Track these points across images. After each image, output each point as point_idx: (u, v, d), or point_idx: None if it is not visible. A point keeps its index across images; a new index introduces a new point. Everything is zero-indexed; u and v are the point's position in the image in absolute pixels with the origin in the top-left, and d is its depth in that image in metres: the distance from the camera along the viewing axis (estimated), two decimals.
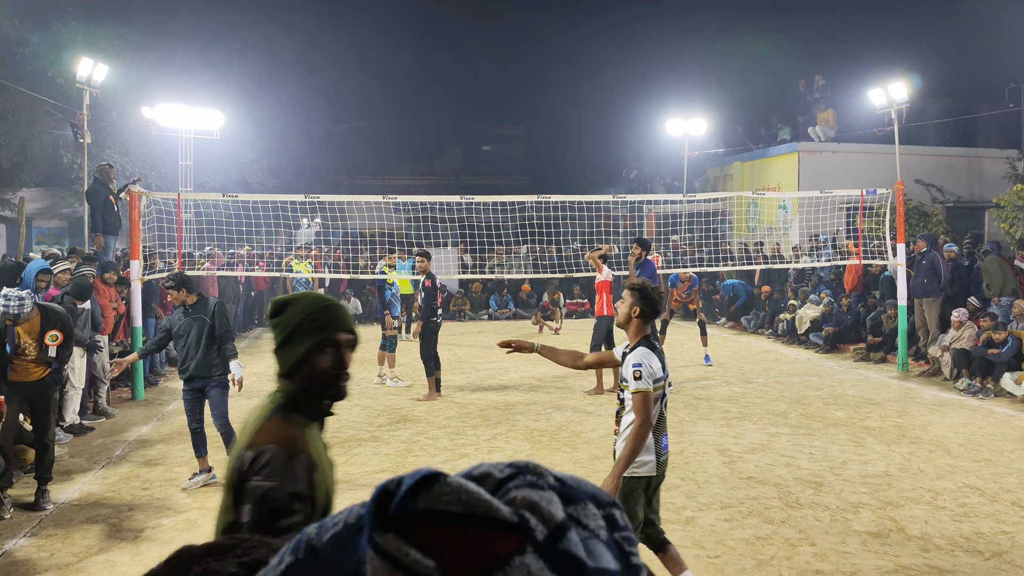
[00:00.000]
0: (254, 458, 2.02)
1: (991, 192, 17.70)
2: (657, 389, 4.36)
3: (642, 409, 4.27)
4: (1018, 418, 9.47)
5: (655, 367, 4.34)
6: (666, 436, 4.52)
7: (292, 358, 2.16)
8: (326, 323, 2.18)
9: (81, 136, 13.35)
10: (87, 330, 9.09)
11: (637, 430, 4.26)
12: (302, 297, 2.23)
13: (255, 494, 1.97)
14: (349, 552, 0.54)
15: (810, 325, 15.31)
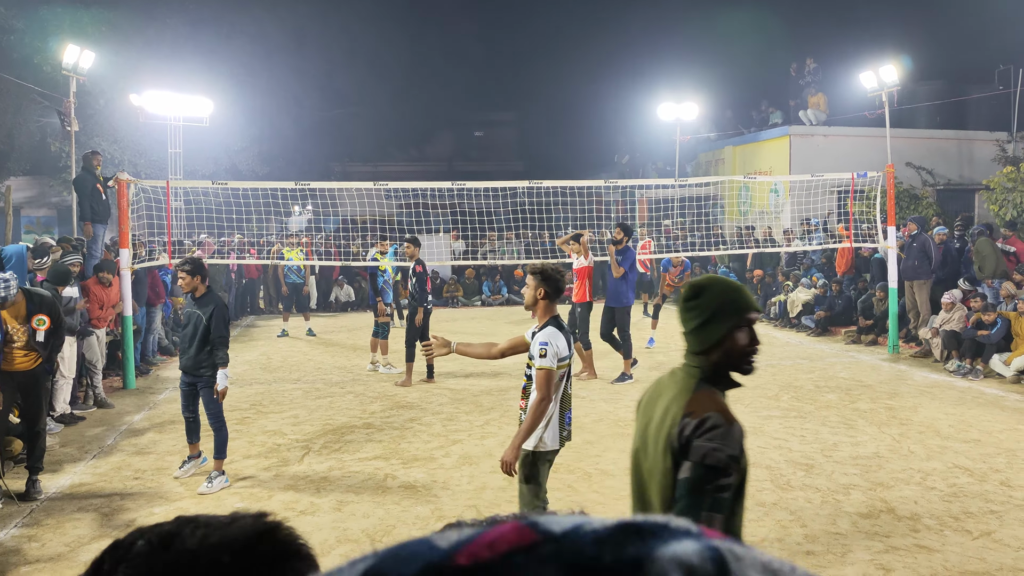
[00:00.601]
0: (698, 423, 2.28)
1: (981, 174, 17.74)
2: (561, 367, 4.54)
3: (544, 385, 4.45)
4: (1007, 399, 9.52)
5: (560, 346, 4.51)
6: (570, 411, 4.70)
7: (713, 337, 2.39)
8: (742, 305, 2.40)
9: (68, 124, 13.25)
10: (76, 317, 9.05)
11: (537, 405, 4.46)
12: (717, 281, 2.43)
13: (699, 453, 2.25)
14: None
15: (802, 308, 15.35)
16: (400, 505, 6.16)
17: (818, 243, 15.62)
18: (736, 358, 2.42)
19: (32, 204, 23.32)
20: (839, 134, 19.91)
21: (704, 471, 2.24)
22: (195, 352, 6.76)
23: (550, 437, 4.58)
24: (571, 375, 4.70)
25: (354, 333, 15.69)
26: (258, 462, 7.32)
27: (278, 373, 11.77)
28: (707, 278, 2.46)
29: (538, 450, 4.58)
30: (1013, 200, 14.07)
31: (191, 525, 0.73)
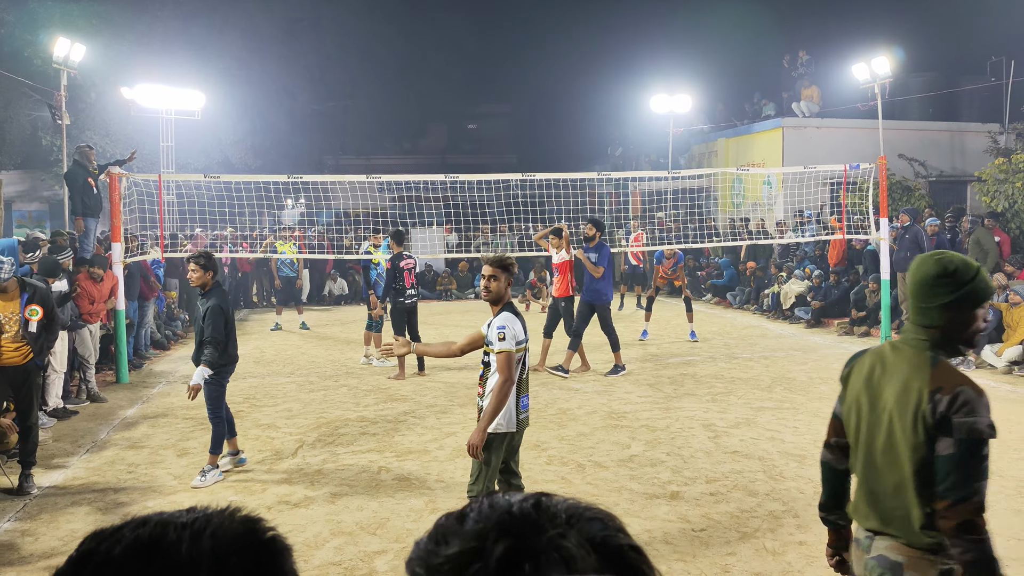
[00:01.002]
0: (951, 399, 2.39)
1: (973, 166, 17.78)
2: (519, 351, 4.71)
3: (505, 367, 4.63)
4: (998, 389, 9.57)
5: (517, 330, 4.72)
6: (527, 397, 4.85)
7: (960, 315, 2.51)
8: (990, 287, 2.55)
9: (59, 117, 13.19)
10: (67, 311, 9.02)
11: (500, 386, 4.62)
12: (968, 262, 2.54)
13: (963, 429, 2.37)
14: None
15: (795, 300, 15.39)
16: (394, 498, 6.17)
17: (811, 235, 15.65)
18: (971, 334, 2.56)
19: (24, 198, 23.22)
20: (832, 126, 19.94)
21: (969, 445, 2.37)
22: (196, 347, 6.74)
23: (505, 420, 4.72)
24: (527, 362, 4.86)
25: (347, 327, 15.68)
26: (252, 455, 7.32)
27: (272, 367, 11.76)
28: (960, 258, 2.56)
29: (492, 432, 4.72)
30: (1005, 191, 14.11)
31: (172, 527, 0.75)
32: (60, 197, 17.90)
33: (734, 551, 5.08)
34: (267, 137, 25.15)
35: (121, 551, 0.72)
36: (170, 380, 10.89)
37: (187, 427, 8.36)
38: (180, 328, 14.66)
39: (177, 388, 10.34)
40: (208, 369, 6.50)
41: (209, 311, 6.58)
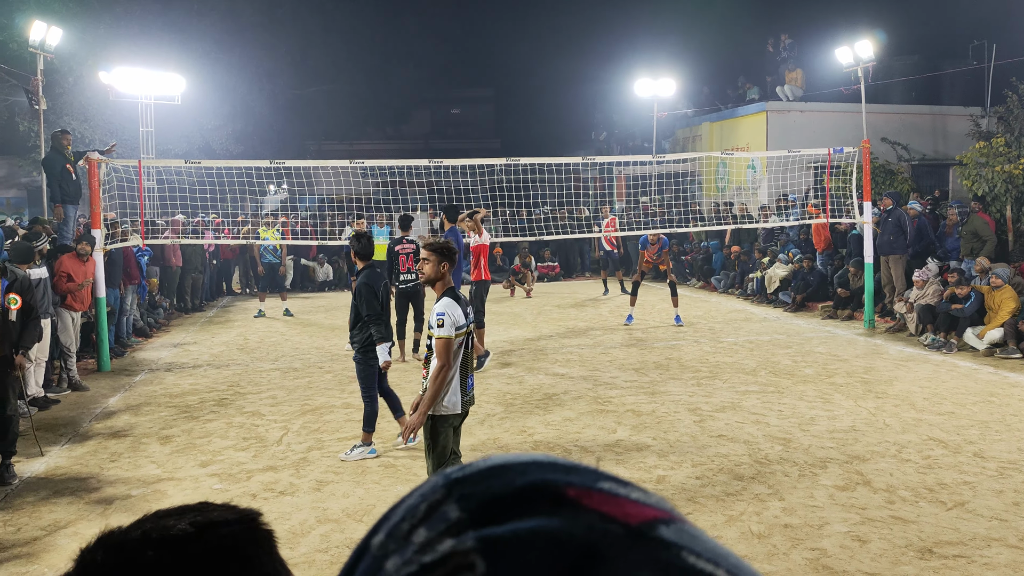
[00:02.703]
0: None
1: (955, 149, 17.86)
2: (459, 336, 4.84)
3: (443, 353, 4.78)
4: (980, 372, 9.66)
5: (456, 315, 4.83)
6: (470, 378, 5.01)
7: None
8: None
9: (36, 103, 12.98)
10: (46, 300, 8.91)
11: (437, 372, 4.79)
12: None
13: None
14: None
15: (779, 284, 15.45)
16: (380, 484, 6.15)
17: (795, 219, 15.69)
18: None
19: (1, 185, 22.93)
20: (815, 110, 19.96)
21: None
22: (350, 326, 7.02)
23: (450, 402, 4.86)
24: (471, 344, 5.00)
25: (332, 313, 15.60)
26: (236, 443, 7.27)
27: (255, 354, 11.69)
28: None
29: (437, 414, 4.86)
30: (986, 175, 14.19)
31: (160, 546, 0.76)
32: (38, 184, 17.68)
33: (720, 534, 5.10)
34: (249, 122, 24.89)
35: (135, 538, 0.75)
36: (152, 368, 10.80)
37: (170, 415, 8.30)
38: (162, 316, 14.54)
39: (159, 376, 10.26)
40: (387, 343, 6.78)
41: (358, 290, 6.81)
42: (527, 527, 0.40)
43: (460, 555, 0.40)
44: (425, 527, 0.42)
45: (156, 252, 14.43)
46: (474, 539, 0.40)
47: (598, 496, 0.43)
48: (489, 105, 38.77)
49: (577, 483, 0.44)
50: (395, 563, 0.42)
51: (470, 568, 0.39)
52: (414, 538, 0.42)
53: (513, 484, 0.43)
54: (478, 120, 38.13)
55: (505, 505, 0.42)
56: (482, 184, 15.67)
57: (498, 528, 0.40)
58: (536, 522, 0.41)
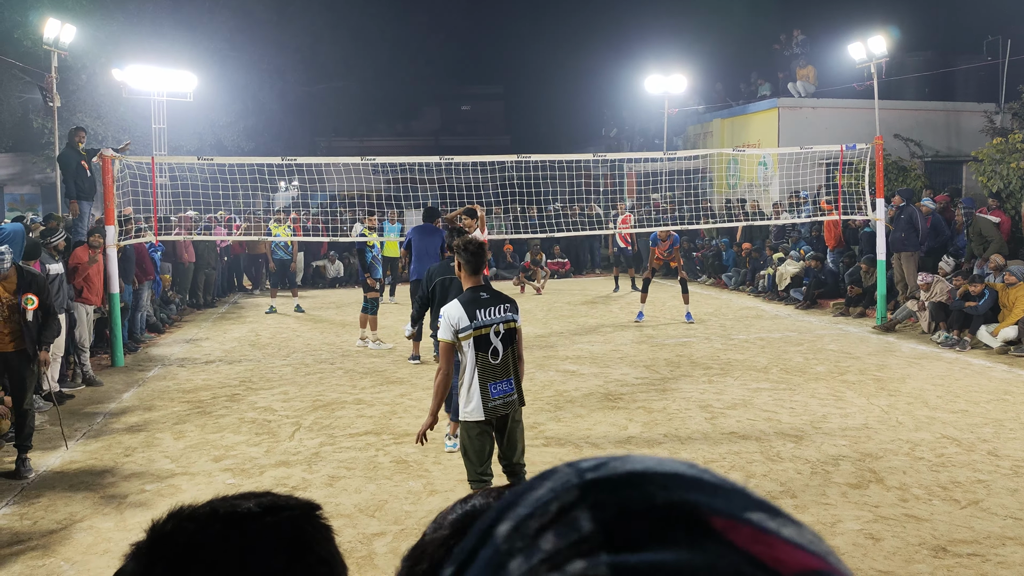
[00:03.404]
0: None
1: (969, 146, 17.76)
2: (465, 338, 4.68)
3: (441, 357, 4.77)
4: (994, 369, 9.60)
5: (457, 317, 4.68)
6: (501, 383, 4.74)
7: None
8: None
9: (51, 99, 13.06)
10: (62, 295, 8.97)
11: (436, 377, 4.79)
12: None
13: None
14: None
15: (790, 281, 15.40)
16: (392, 480, 6.17)
17: (806, 216, 15.64)
18: None
19: (15, 181, 23.07)
20: (828, 106, 19.87)
21: None
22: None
23: (474, 408, 4.72)
24: (496, 348, 4.75)
25: (343, 309, 15.64)
26: (249, 438, 7.31)
27: (267, 350, 11.73)
28: None
29: (464, 420, 4.78)
30: (1001, 172, 14.10)
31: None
32: (52, 180, 17.77)
33: None
34: (260, 119, 24.96)
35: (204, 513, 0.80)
36: (166, 364, 10.86)
37: (183, 410, 8.35)
38: (174, 312, 14.61)
39: (172, 371, 10.31)
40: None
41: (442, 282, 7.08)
42: (665, 560, 0.37)
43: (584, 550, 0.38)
44: (554, 533, 0.40)
45: (168, 248, 14.49)
46: (607, 567, 0.37)
47: (746, 531, 0.39)
48: (499, 102, 38.73)
49: (723, 511, 0.40)
50: (519, 566, 0.39)
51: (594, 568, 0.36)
52: (542, 543, 0.40)
53: (653, 500, 0.40)
54: (488, 117, 38.09)
55: (642, 524, 0.39)
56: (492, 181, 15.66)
57: (633, 556, 0.37)
58: (675, 555, 0.37)
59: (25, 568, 4.84)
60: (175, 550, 0.76)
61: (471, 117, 38.22)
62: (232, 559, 0.75)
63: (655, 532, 0.38)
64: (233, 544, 0.76)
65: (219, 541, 0.76)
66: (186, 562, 0.75)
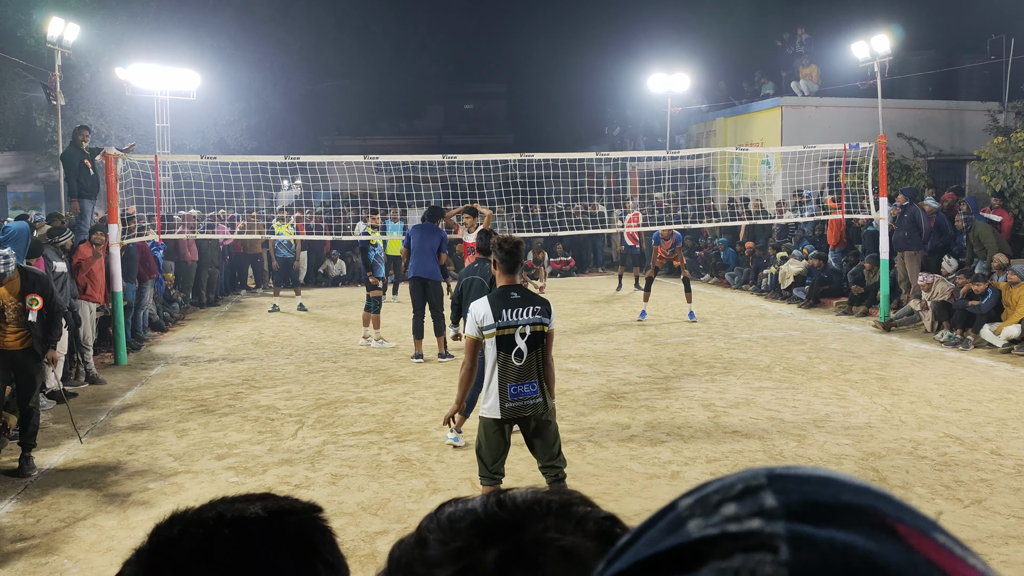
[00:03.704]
0: None
1: (972, 145, 17.72)
2: (488, 336, 4.67)
3: (465, 351, 4.85)
4: (997, 368, 9.59)
5: (482, 315, 4.69)
6: (523, 385, 4.68)
7: None
8: None
9: (54, 98, 13.08)
10: (65, 293, 8.99)
11: (460, 371, 4.92)
12: None
13: None
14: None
15: (793, 280, 15.38)
16: (395, 478, 6.17)
17: (810, 215, 15.62)
18: None
19: (18, 180, 23.10)
20: (831, 105, 19.84)
21: None
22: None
23: (490, 406, 4.71)
24: (522, 349, 4.69)
25: (346, 308, 15.65)
26: (252, 436, 7.32)
27: (270, 348, 11.75)
28: None
29: (481, 416, 4.79)
30: (1004, 171, 14.08)
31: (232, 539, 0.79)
32: (55, 178, 17.79)
33: None
34: (263, 117, 24.97)
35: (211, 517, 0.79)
36: (169, 362, 10.88)
37: (186, 409, 8.36)
38: (178, 310, 14.63)
39: (175, 370, 10.33)
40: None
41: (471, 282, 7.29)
42: (844, 539, 0.37)
43: (766, 536, 0.38)
44: (736, 504, 0.41)
45: (171, 247, 14.51)
46: (785, 528, 0.38)
47: (929, 543, 0.39)
48: (502, 100, 38.72)
49: (910, 522, 0.40)
50: (698, 524, 0.41)
51: (773, 550, 0.37)
52: (723, 510, 0.41)
53: (839, 498, 0.41)
54: (491, 115, 38.08)
55: (825, 512, 0.39)
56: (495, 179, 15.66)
57: (813, 528, 0.38)
58: (856, 538, 0.37)
59: (28, 566, 4.85)
60: (182, 556, 0.75)
61: (474, 116, 38.22)
62: (239, 564, 0.75)
63: (837, 520, 0.39)
64: (240, 549, 0.76)
65: (226, 546, 0.76)
66: (193, 568, 0.75)
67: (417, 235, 10.46)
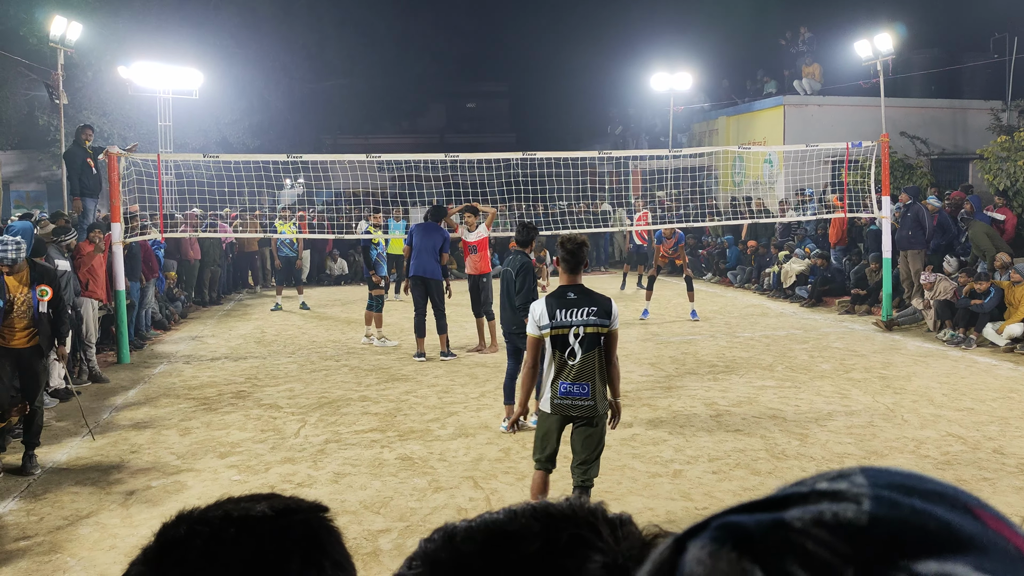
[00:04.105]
0: None
1: (975, 144, 17.70)
2: (544, 335, 4.74)
3: (527, 349, 4.86)
4: (1000, 367, 9.58)
5: (537, 314, 4.77)
6: (574, 385, 4.72)
7: None
8: None
9: (56, 97, 13.10)
10: (69, 292, 8.99)
11: (522, 368, 4.98)
12: None
13: None
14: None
15: (796, 279, 15.37)
16: (397, 477, 6.18)
17: (812, 213, 15.61)
18: None
19: (21, 178, 23.12)
20: (834, 104, 19.82)
21: None
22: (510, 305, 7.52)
23: (545, 400, 4.82)
24: (577, 348, 4.71)
25: (348, 306, 15.66)
26: (254, 435, 7.33)
27: (272, 347, 11.76)
28: None
29: (539, 406, 4.90)
30: (1007, 169, 14.05)
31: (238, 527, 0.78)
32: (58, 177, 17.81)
33: None
34: (265, 116, 24.99)
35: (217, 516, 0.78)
36: (171, 360, 10.89)
37: (188, 407, 8.37)
38: (180, 308, 14.64)
39: (178, 368, 10.34)
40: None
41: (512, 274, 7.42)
42: (925, 506, 0.41)
43: (852, 494, 0.42)
44: (828, 480, 0.45)
45: (171, 245, 14.53)
46: (871, 490, 0.42)
47: (1004, 525, 0.43)
48: (504, 99, 38.70)
49: (988, 510, 0.44)
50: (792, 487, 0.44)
51: (856, 501, 0.41)
52: (817, 483, 0.45)
53: (923, 483, 0.44)
54: (494, 114, 38.07)
55: (910, 489, 0.43)
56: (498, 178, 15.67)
57: (898, 495, 0.42)
58: (936, 508, 0.41)
59: (31, 564, 4.86)
60: (189, 555, 0.75)
61: (476, 114, 38.21)
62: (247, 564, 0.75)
63: (920, 495, 0.42)
64: (248, 549, 0.76)
65: (233, 546, 0.75)
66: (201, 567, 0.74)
67: (419, 234, 10.49)
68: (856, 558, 0.38)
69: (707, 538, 0.41)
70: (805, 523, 0.40)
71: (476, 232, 10.94)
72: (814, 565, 0.38)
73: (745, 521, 0.42)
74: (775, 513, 0.42)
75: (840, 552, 0.38)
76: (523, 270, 7.23)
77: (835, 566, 0.38)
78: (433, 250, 10.40)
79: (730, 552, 0.40)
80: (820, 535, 0.39)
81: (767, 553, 0.39)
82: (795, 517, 0.41)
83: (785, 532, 0.40)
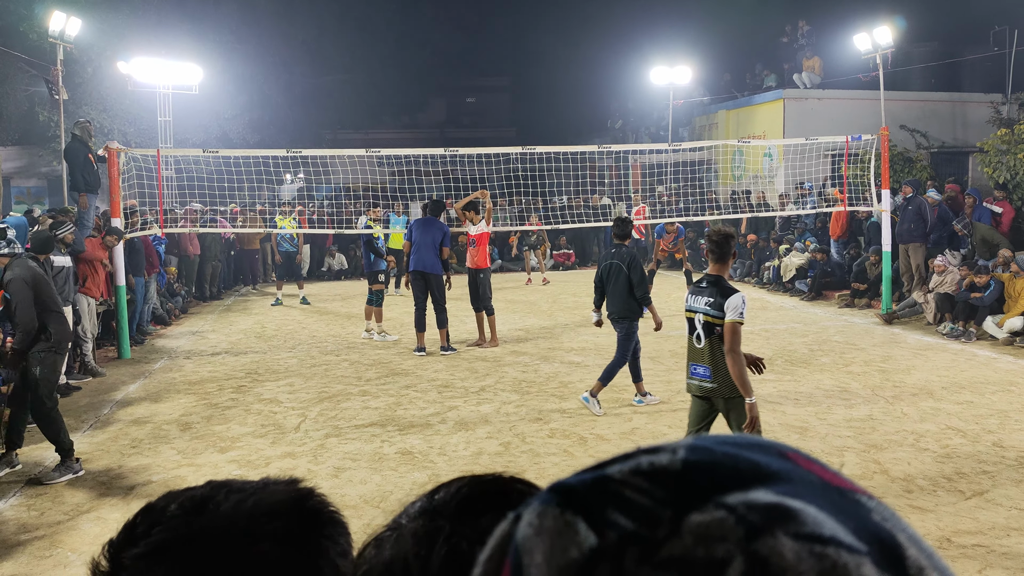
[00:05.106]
0: None
1: (975, 137, 17.67)
2: (686, 316, 5.22)
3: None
4: (999, 360, 9.59)
5: (688, 300, 5.28)
6: (697, 366, 5.15)
7: None
8: None
9: (56, 92, 13.09)
10: (68, 289, 9.00)
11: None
12: None
13: None
14: None
15: (795, 272, 15.37)
16: (397, 471, 6.19)
17: (812, 207, 15.60)
18: None
19: (22, 174, 23.11)
20: (833, 97, 19.78)
21: None
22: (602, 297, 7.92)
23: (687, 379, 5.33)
24: (699, 332, 5.11)
25: (348, 301, 15.68)
26: (255, 430, 7.34)
27: (273, 342, 11.77)
28: None
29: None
30: (1007, 163, 14.04)
31: (224, 490, 0.77)
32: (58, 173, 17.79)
33: None
34: (265, 111, 24.98)
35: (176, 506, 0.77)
36: (171, 355, 10.90)
37: (189, 402, 8.39)
38: (180, 304, 14.65)
39: (178, 363, 10.36)
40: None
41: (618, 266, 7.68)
42: (738, 452, 0.44)
43: (670, 446, 0.45)
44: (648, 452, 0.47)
45: (173, 240, 14.54)
46: (687, 445, 0.45)
47: (812, 463, 0.47)
48: (505, 94, 38.66)
49: (806, 456, 0.47)
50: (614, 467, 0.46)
51: (672, 451, 0.44)
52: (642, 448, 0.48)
53: (741, 438, 0.47)
54: (494, 109, 38.03)
55: (725, 442, 0.46)
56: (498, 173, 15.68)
57: (712, 444, 0.45)
58: (750, 454, 0.45)
59: (32, 558, 4.88)
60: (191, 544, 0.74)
61: (476, 109, 38.17)
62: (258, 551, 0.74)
63: (738, 446, 0.45)
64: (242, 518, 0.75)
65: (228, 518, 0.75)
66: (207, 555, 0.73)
67: (418, 229, 10.50)
68: (672, 500, 0.41)
69: (536, 501, 0.44)
70: (624, 474, 0.43)
71: (477, 226, 10.95)
72: (633, 510, 0.41)
73: (570, 480, 0.45)
74: (599, 471, 0.45)
75: (656, 496, 0.41)
76: (634, 263, 7.60)
77: (653, 509, 0.41)
78: (433, 245, 10.42)
79: (554, 509, 0.42)
80: (638, 483, 0.43)
81: (589, 504, 0.42)
82: (615, 470, 0.44)
83: (605, 484, 0.43)
